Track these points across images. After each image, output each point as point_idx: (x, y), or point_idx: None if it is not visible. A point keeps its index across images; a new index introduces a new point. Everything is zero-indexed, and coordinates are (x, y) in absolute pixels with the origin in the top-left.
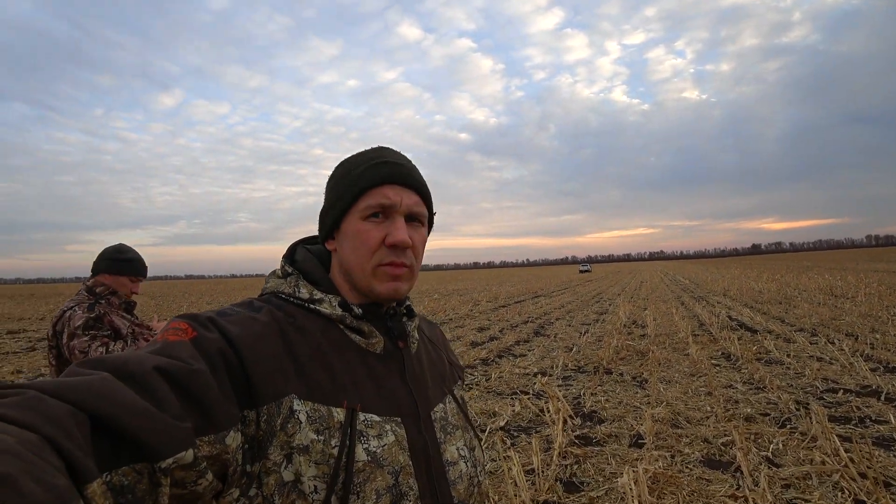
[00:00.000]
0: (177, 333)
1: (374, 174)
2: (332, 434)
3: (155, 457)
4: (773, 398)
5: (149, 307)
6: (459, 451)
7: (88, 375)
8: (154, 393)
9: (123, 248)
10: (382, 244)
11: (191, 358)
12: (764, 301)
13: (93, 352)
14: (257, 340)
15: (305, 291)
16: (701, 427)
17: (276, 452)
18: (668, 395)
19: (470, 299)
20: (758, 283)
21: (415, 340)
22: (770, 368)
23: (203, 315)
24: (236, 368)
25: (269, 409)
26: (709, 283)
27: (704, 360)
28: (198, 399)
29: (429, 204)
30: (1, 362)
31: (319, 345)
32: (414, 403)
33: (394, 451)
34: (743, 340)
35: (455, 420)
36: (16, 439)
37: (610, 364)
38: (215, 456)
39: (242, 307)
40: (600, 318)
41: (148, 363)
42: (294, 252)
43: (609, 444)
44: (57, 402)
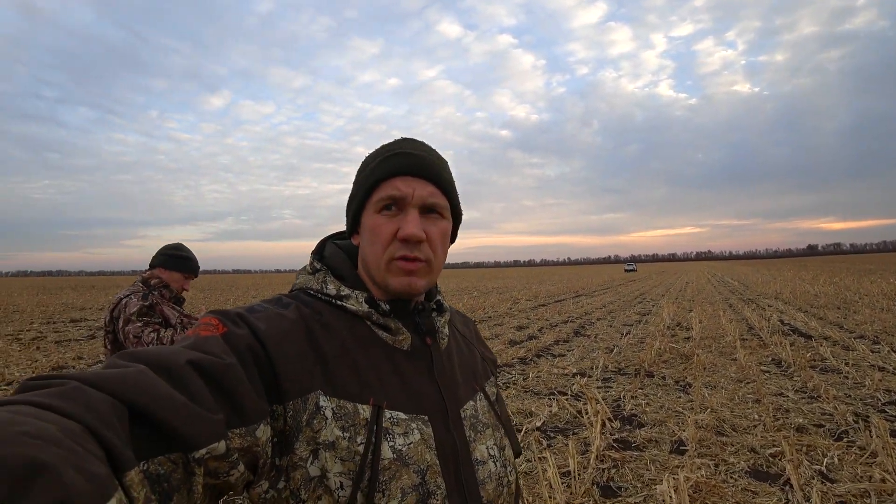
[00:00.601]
0: (208, 329)
1: (386, 166)
2: (358, 431)
3: (189, 447)
4: (829, 409)
5: (198, 300)
6: (489, 450)
7: (126, 368)
8: (188, 386)
9: (181, 247)
10: (395, 238)
11: (222, 353)
12: (820, 305)
13: (145, 337)
14: (285, 337)
15: (332, 287)
16: (748, 436)
17: (302, 447)
18: (713, 401)
19: (509, 297)
20: (814, 286)
21: (444, 336)
22: (826, 377)
23: (233, 311)
24: (264, 364)
25: (295, 404)
26: (759, 286)
27: (753, 366)
28: (229, 393)
29: (450, 195)
30: (64, 349)
31: (346, 341)
32: (442, 401)
33: (420, 450)
34: (796, 346)
35: (485, 418)
36: (58, 427)
37: (652, 367)
38: (246, 448)
39: (271, 303)
40: (643, 319)
41: (182, 357)
42: (323, 248)
43: (649, 450)
44: (97, 393)
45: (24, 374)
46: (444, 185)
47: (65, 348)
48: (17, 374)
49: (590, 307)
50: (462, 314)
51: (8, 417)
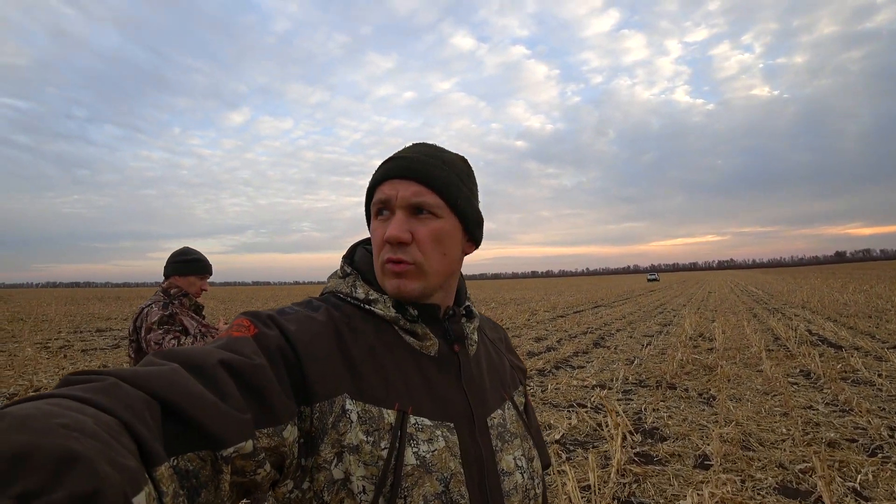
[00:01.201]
0: (240, 330)
1: (377, 173)
2: (382, 436)
3: (218, 445)
4: (862, 423)
5: (218, 311)
6: (516, 460)
7: (160, 366)
8: (218, 385)
9: (186, 251)
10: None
11: (253, 353)
12: (850, 314)
13: (166, 344)
14: (314, 339)
15: (362, 291)
16: (775, 451)
17: (327, 450)
18: (739, 415)
19: (527, 308)
20: (843, 294)
21: (473, 343)
22: (858, 389)
23: (264, 313)
24: (293, 365)
25: (321, 406)
26: (785, 294)
27: (780, 378)
28: (258, 392)
29: (444, 192)
30: (90, 357)
31: (373, 346)
32: (469, 409)
33: (444, 457)
34: (825, 357)
35: (514, 428)
36: (94, 421)
37: (674, 379)
38: (273, 448)
39: (302, 306)
40: (664, 330)
41: (214, 357)
42: (354, 252)
43: (672, 464)
44: (133, 390)
45: (51, 381)
46: (433, 182)
47: (90, 357)
48: (45, 381)
49: (609, 318)
50: (492, 321)
51: (48, 409)
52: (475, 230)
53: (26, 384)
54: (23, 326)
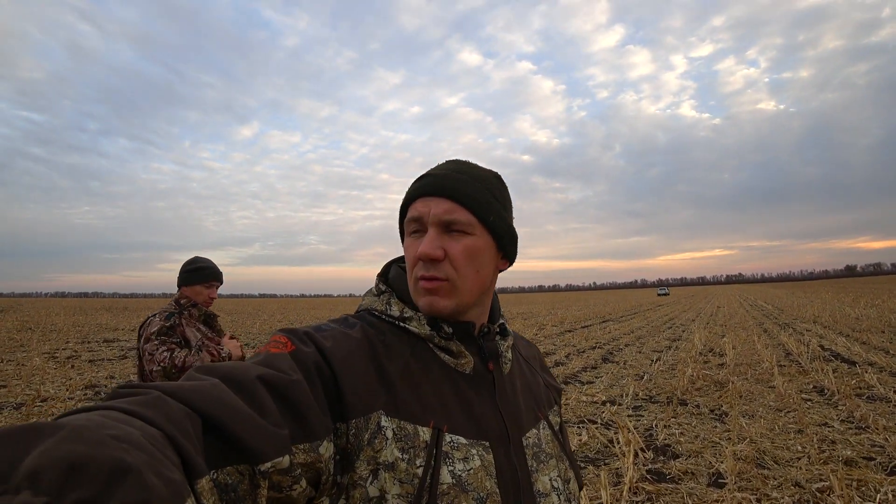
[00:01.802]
0: (277, 346)
1: (411, 190)
2: (418, 453)
3: (256, 460)
4: (879, 440)
5: (225, 323)
6: (553, 481)
7: (202, 381)
8: (257, 400)
9: (194, 260)
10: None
11: (290, 369)
12: (863, 329)
13: (157, 355)
14: (349, 356)
15: (396, 309)
16: (791, 469)
17: (362, 467)
18: (752, 431)
19: (535, 323)
20: (854, 308)
21: (507, 361)
22: (873, 406)
23: (301, 330)
24: (329, 382)
25: (357, 423)
26: (795, 309)
27: (793, 394)
28: (295, 408)
29: (476, 210)
30: (97, 368)
31: (408, 363)
32: (504, 428)
33: (480, 477)
34: (839, 373)
35: (549, 448)
36: (141, 433)
37: (685, 394)
38: (309, 464)
39: (338, 323)
40: (673, 345)
41: (252, 372)
42: (388, 270)
43: (685, 482)
44: (176, 403)
45: (58, 391)
46: (465, 199)
47: (98, 367)
48: (52, 391)
49: (617, 333)
50: (526, 340)
51: (101, 421)
52: (508, 247)
53: (33, 394)
54: (31, 336)
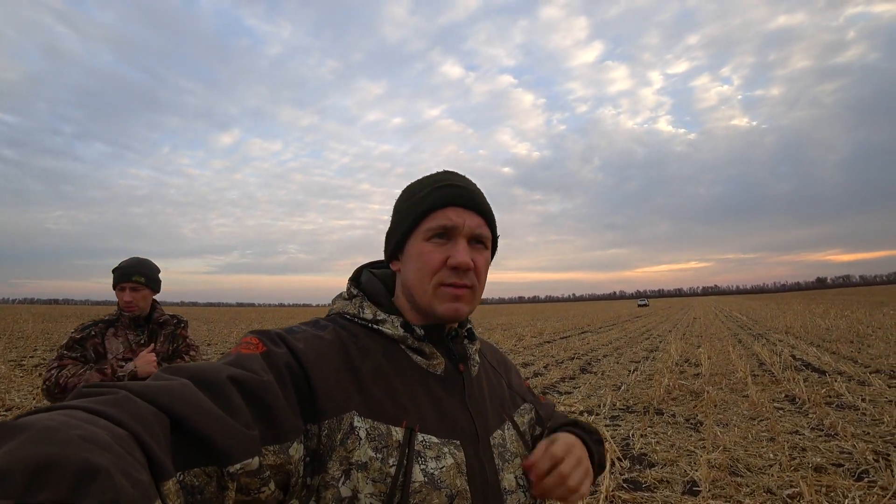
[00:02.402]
0: (248, 347)
1: (437, 196)
2: (391, 453)
3: (224, 461)
4: (847, 447)
5: (201, 332)
6: (518, 479)
7: (170, 380)
8: (227, 400)
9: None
10: (444, 265)
11: (261, 370)
12: (833, 339)
13: (46, 372)
14: (322, 357)
15: (369, 312)
16: (763, 476)
17: (335, 467)
18: (726, 440)
19: (514, 334)
20: (825, 319)
21: (475, 363)
22: (842, 413)
23: (273, 331)
24: (301, 382)
25: (330, 423)
26: (768, 320)
27: (766, 403)
28: (266, 409)
29: (492, 226)
30: None
31: (381, 364)
32: (473, 427)
33: (451, 474)
34: (809, 382)
35: (513, 447)
36: (108, 433)
37: (661, 404)
38: (279, 465)
39: (309, 325)
40: (650, 356)
41: (223, 373)
42: (360, 275)
43: (660, 490)
44: (144, 403)
45: (24, 399)
46: (490, 217)
47: None
48: (18, 400)
49: (596, 344)
50: (490, 344)
51: (66, 420)
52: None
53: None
54: None
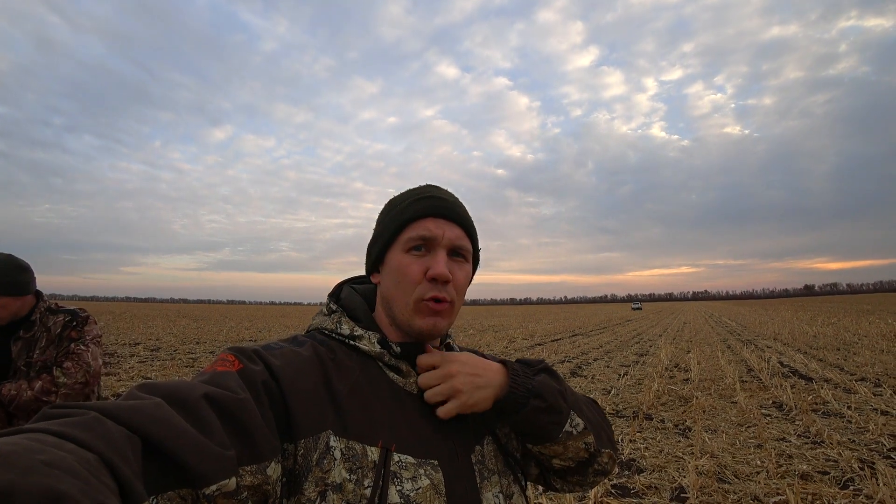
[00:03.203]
0: (224, 364)
1: (417, 207)
2: (366, 474)
3: (199, 483)
4: (833, 455)
5: (190, 330)
6: (495, 497)
7: (143, 400)
8: (202, 420)
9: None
10: (423, 277)
11: (238, 388)
12: (819, 346)
13: None
14: (298, 374)
15: (346, 328)
16: (750, 483)
17: (310, 488)
18: (714, 446)
19: (506, 336)
20: (812, 326)
21: None
22: (828, 421)
23: (249, 348)
24: (278, 401)
25: (306, 443)
26: (757, 326)
27: (754, 409)
28: (242, 428)
29: (473, 239)
30: None
31: (358, 382)
32: (452, 446)
33: (428, 496)
34: (797, 389)
35: (491, 464)
36: (75, 458)
37: (650, 409)
38: (256, 486)
39: (287, 342)
40: (640, 360)
41: (198, 391)
42: (340, 290)
43: (648, 497)
44: (114, 425)
45: None
46: (470, 229)
47: None
48: None
49: (587, 347)
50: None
51: (28, 445)
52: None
53: None
54: None
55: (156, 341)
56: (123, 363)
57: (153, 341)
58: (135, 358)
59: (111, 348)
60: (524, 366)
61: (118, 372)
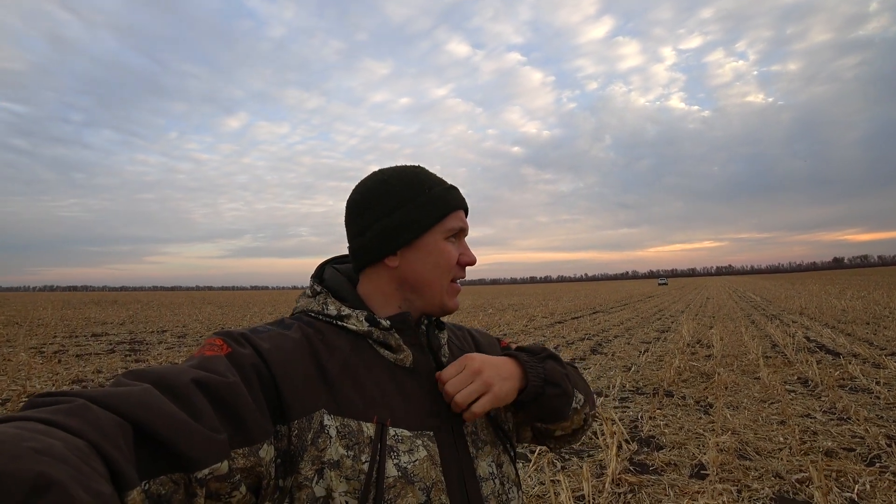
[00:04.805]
0: (213, 349)
1: (453, 197)
2: (362, 449)
3: (191, 467)
4: (860, 431)
5: (215, 316)
6: (489, 466)
7: (132, 386)
8: (192, 405)
9: None
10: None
11: (227, 371)
12: (848, 321)
13: None
14: (288, 356)
15: (333, 308)
16: (772, 460)
17: (307, 467)
18: (736, 423)
19: (525, 314)
20: (840, 300)
21: (445, 354)
22: (855, 397)
23: (237, 332)
24: (269, 383)
25: (299, 423)
26: (783, 300)
27: (778, 386)
28: (233, 411)
29: None
30: (84, 362)
31: (348, 360)
32: (446, 418)
33: (425, 467)
34: (823, 364)
35: (484, 435)
36: (64, 444)
37: (671, 386)
38: (249, 468)
39: (274, 325)
40: (661, 337)
41: (186, 376)
42: (322, 271)
43: (668, 474)
44: (103, 411)
45: (44, 385)
46: None
47: (85, 362)
48: (39, 387)
49: (607, 324)
50: (456, 325)
51: (16, 433)
52: None
53: (19, 389)
54: (18, 331)
55: (182, 328)
56: (152, 350)
57: (179, 328)
58: (162, 345)
59: (140, 336)
60: (528, 354)
61: (147, 359)
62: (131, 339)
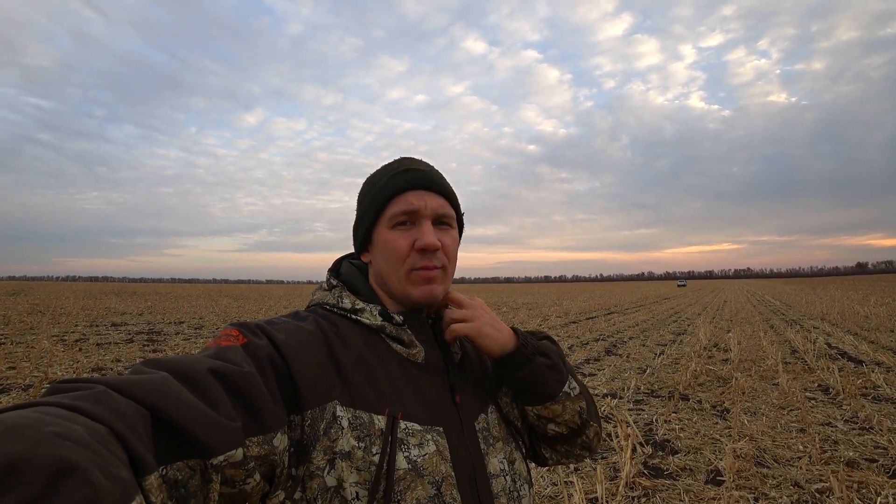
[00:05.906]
0: (229, 339)
1: (396, 182)
2: (373, 441)
3: (207, 454)
4: (883, 442)
5: (231, 308)
6: (501, 463)
7: (150, 374)
8: (208, 393)
9: None
10: (412, 250)
11: (242, 361)
12: (871, 328)
13: None
14: (303, 347)
15: (348, 302)
16: (791, 468)
17: (319, 457)
18: (753, 429)
19: (539, 314)
20: (864, 306)
21: (458, 349)
22: (879, 406)
23: (253, 323)
24: (283, 373)
25: (312, 413)
26: (803, 306)
27: (797, 392)
28: (248, 400)
29: (456, 206)
30: (104, 351)
31: (362, 353)
32: (457, 413)
33: (435, 461)
34: (845, 372)
35: (496, 432)
36: (85, 430)
37: (687, 389)
38: (263, 457)
39: (290, 317)
40: (678, 339)
41: (203, 365)
42: (339, 266)
43: (682, 479)
44: (122, 398)
45: (66, 373)
46: (451, 196)
47: (105, 351)
48: (60, 374)
49: (622, 325)
50: None
51: (39, 418)
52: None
53: (41, 376)
54: (41, 319)
55: (199, 320)
56: (169, 341)
57: (196, 320)
58: (180, 336)
59: (157, 326)
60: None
61: (164, 349)
62: (149, 329)
